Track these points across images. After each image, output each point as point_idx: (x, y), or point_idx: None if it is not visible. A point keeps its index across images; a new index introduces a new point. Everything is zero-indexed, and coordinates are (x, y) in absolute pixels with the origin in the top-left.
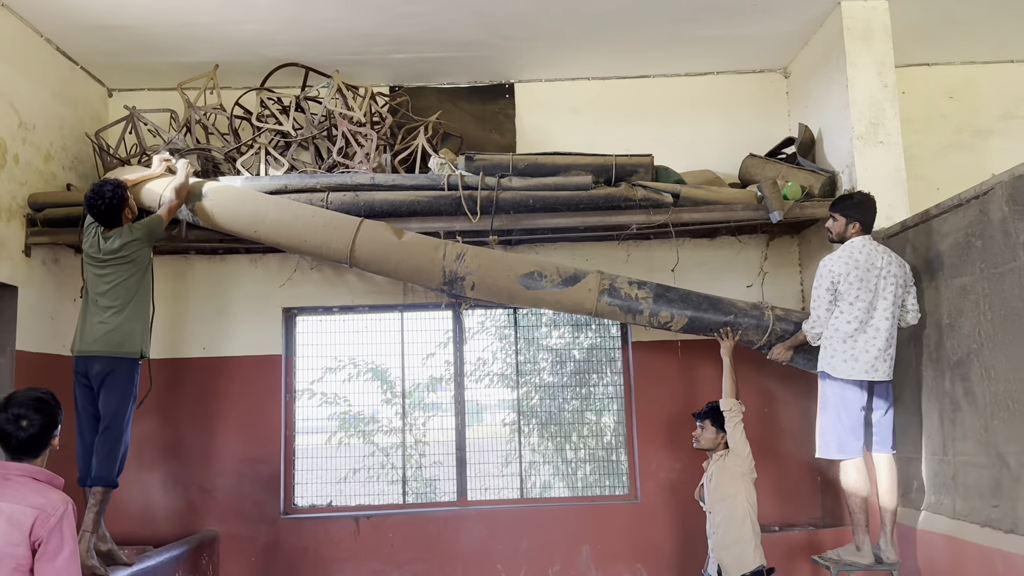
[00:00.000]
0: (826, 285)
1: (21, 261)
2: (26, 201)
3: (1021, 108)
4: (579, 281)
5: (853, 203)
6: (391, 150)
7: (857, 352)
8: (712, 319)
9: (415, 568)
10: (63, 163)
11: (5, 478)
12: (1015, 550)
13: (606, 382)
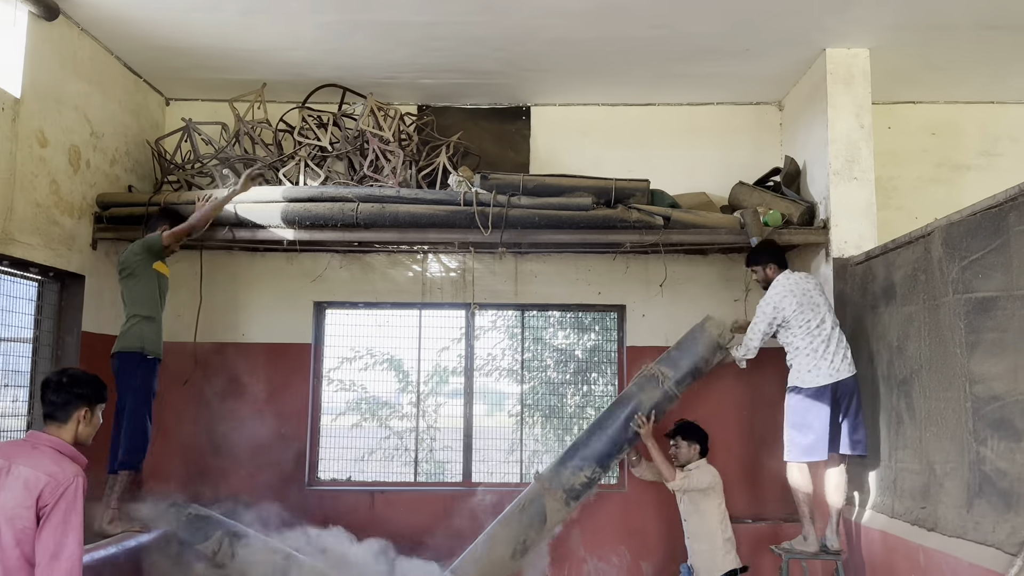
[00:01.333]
0: (764, 326)
1: (88, 253)
2: (94, 200)
3: (998, 146)
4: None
5: (761, 252)
6: (416, 166)
7: (820, 363)
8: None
9: (423, 540)
10: (125, 166)
11: (34, 446)
12: (933, 546)
13: (606, 380)
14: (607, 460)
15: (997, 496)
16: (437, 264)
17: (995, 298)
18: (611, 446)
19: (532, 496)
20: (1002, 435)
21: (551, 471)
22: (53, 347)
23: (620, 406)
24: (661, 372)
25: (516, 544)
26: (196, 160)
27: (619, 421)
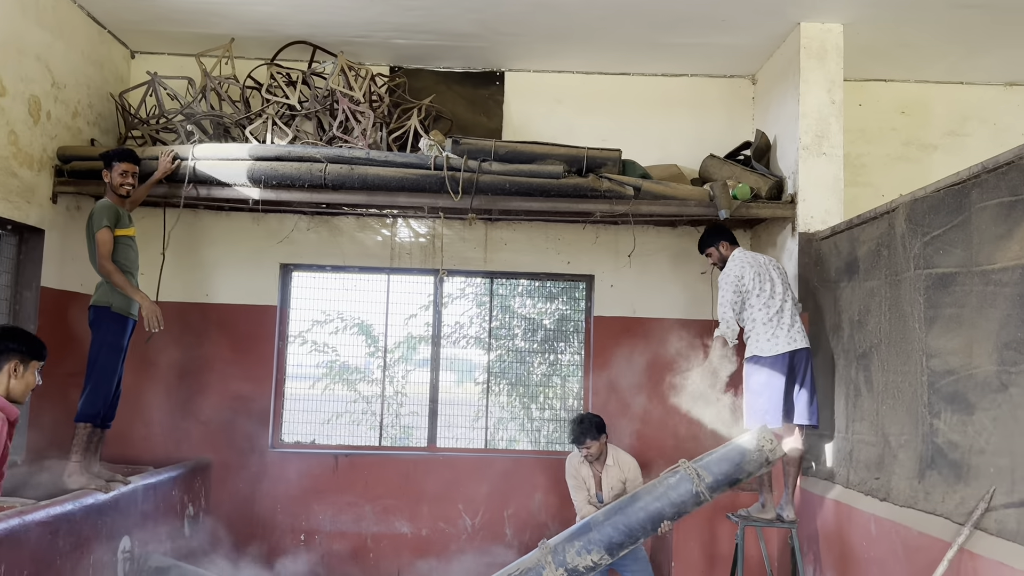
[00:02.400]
0: (731, 295)
1: (48, 207)
2: (55, 153)
3: (965, 126)
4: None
5: (712, 233)
6: (387, 128)
7: (777, 332)
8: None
9: (385, 503)
10: (88, 119)
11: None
12: (885, 515)
13: (573, 350)
14: (617, 550)
15: (948, 468)
16: (406, 229)
17: (954, 274)
18: (625, 537)
19: (531, 564)
20: (955, 408)
21: (559, 544)
22: (11, 302)
23: (644, 499)
24: (698, 474)
25: None
26: (161, 115)
27: (640, 515)
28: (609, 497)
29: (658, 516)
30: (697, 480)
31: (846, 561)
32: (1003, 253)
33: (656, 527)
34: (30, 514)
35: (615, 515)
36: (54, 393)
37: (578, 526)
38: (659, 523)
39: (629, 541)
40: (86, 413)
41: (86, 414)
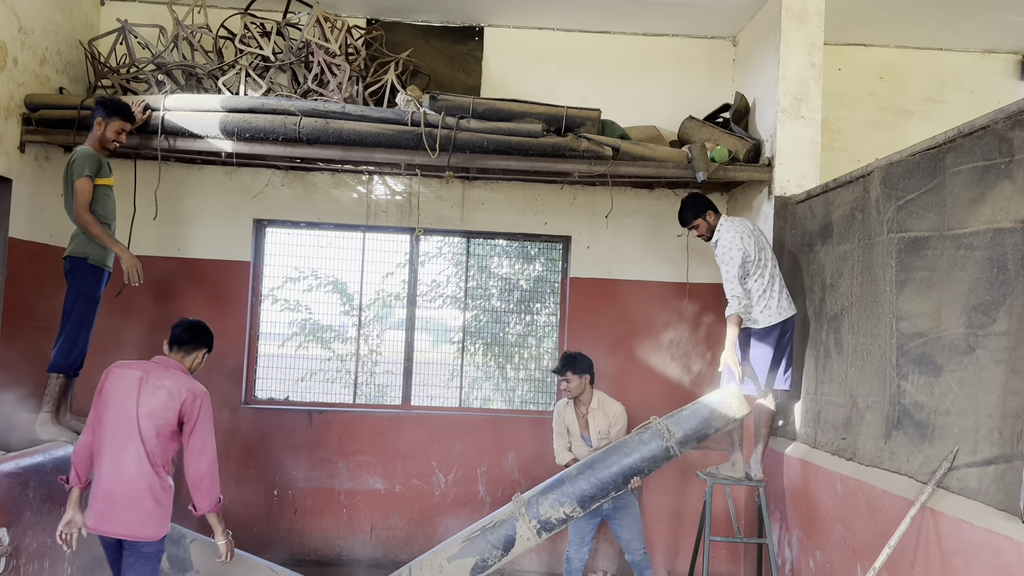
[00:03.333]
0: (736, 268)
1: (16, 156)
2: (23, 101)
3: (942, 93)
4: (515, 537)
5: (696, 204)
6: (363, 82)
7: (770, 303)
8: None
9: (359, 460)
10: (56, 67)
11: (167, 367)
12: (851, 474)
13: (548, 311)
14: (589, 503)
15: (914, 428)
16: (382, 186)
17: (926, 238)
18: (597, 490)
19: (505, 517)
20: (922, 370)
21: (532, 497)
22: None
23: (616, 453)
24: (668, 430)
25: (478, 561)
26: (132, 64)
27: (612, 469)
28: (596, 441)
29: (630, 471)
30: (667, 436)
31: (811, 519)
32: (975, 217)
33: (627, 481)
34: (0, 465)
35: (587, 470)
36: (23, 345)
37: (551, 480)
38: (631, 477)
39: (601, 494)
40: (59, 364)
41: (60, 365)
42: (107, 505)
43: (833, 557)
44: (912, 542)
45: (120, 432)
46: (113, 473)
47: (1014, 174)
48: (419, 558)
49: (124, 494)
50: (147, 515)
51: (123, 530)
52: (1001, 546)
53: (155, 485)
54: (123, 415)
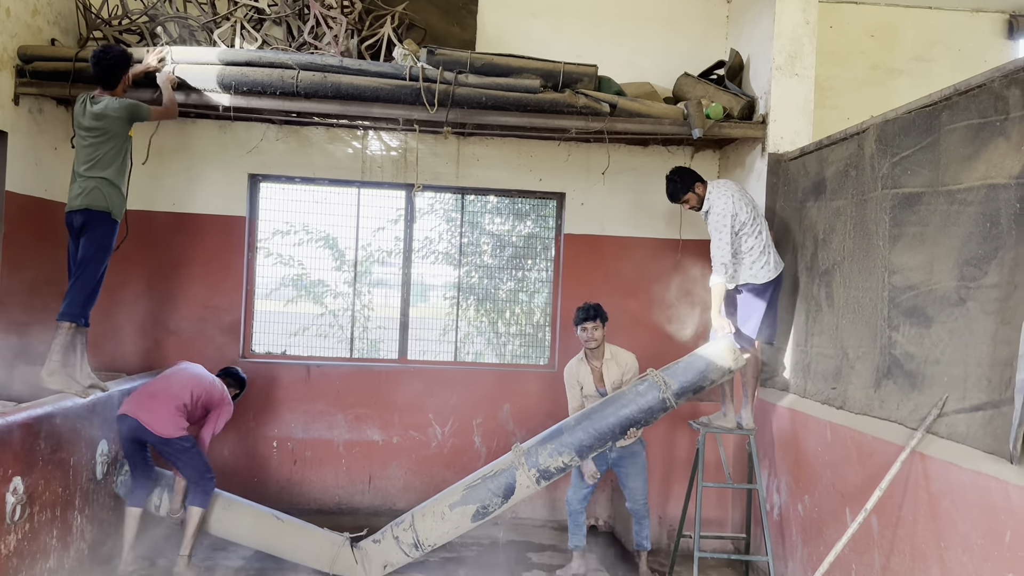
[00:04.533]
0: (728, 235)
1: (11, 109)
2: (16, 53)
3: (931, 51)
4: (514, 485)
5: (682, 179)
6: (358, 35)
7: (769, 259)
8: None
9: (357, 412)
10: (48, 18)
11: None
12: (840, 421)
13: (540, 267)
14: (587, 452)
15: (904, 377)
16: (378, 142)
17: (920, 194)
18: (595, 440)
19: (505, 466)
20: (914, 322)
21: (532, 447)
22: None
23: (614, 404)
24: (665, 382)
25: (479, 507)
26: (125, 15)
27: (609, 420)
28: (612, 392)
29: (627, 422)
30: (664, 387)
31: (800, 465)
32: (969, 173)
33: (624, 432)
34: (12, 415)
35: (585, 420)
36: (21, 298)
37: (550, 430)
38: (628, 428)
39: (599, 444)
40: (73, 312)
41: (73, 313)
42: (149, 400)
43: (822, 501)
44: (901, 485)
45: (180, 375)
46: (164, 385)
47: (1009, 131)
48: (420, 505)
49: (164, 399)
50: (171, 418)
51: (151, 421)
52: (989, 486)
53: (182, 407)
54: (186, 372)
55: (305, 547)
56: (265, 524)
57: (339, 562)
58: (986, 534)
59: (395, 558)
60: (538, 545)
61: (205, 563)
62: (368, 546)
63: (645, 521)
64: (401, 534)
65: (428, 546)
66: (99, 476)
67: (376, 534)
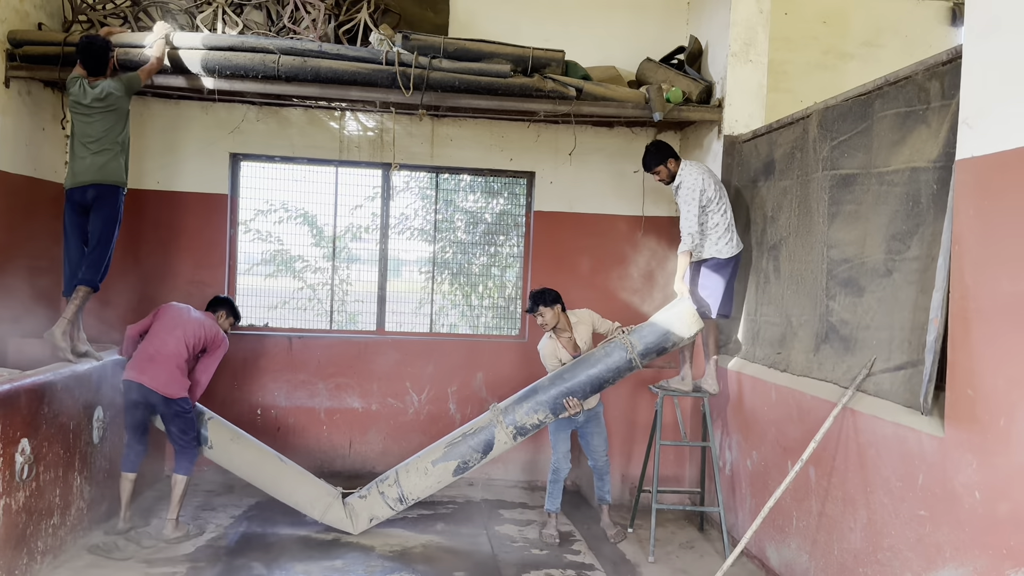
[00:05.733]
0: (696, 208)
1: (2, 92)
2: (5, 37)
3: (880, 37)
4: (493, 441)
5: (659, 151)
6: (335, 20)
7: (732, 238)
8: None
9: (338, 381)
10: (35, 2)
11: (205, 315)
12: (784, 383)
13: (512, 243)
14: (560, 410)
15: (839, 342)
16: (355, 123)
17: (855, 175)
18: (568, 398)
19: (484, 424)
20: (848, 292)
21: (508, 406)
22: None
23: (584, 364)
24: (631, 344)
25: (460, 463)
26: (109, 0)
27: (580, 378)
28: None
29: (597, 380)
30: (630, 348)
31: (749, 424)
32: (896, 157)
33: (596, 390)
34: (20, 381)
35: (558, 380)
36: (16, 274)
37: (525, 391)
38: (598, 387)
39: None
40: (91, 279)
41: (91, 279)
42: (150, 363)
43: (767, 456)
44: (834, 437)
45: (171, 326)
46: (159, 345)
47: (929, 119)
48: (404, 462)
49: (164, 360)
50: (173, 378)
51: (155, 384)
52: (906, 436)
53: (182, 363)
54: (175, 321)
55: (303, 492)
56: (268, 463)
57: (331, 512)
58: (903, 477)
59: (380, 512)
60: (509, 503)
61: (195, 521)
62: (355, 501)
63: (607, 477)
64: (387, 489)
65: (412, 499)
66: (95, 440)
67: (362, 489)
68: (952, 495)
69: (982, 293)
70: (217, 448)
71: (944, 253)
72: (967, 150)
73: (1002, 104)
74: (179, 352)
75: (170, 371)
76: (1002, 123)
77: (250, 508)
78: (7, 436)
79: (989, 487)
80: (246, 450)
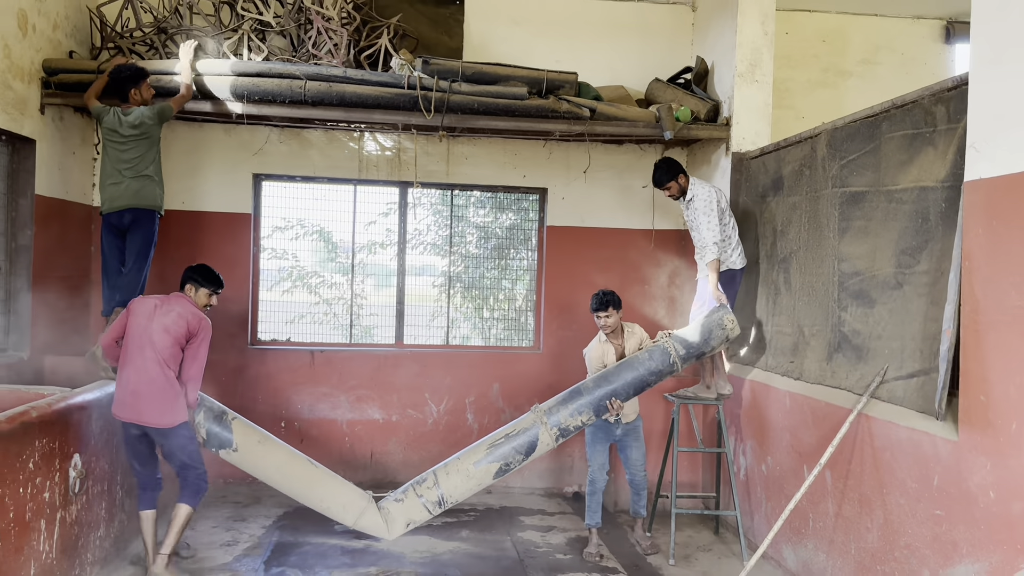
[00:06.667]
0: (716, 220)
1: (38, 118)
2: (41, 65)
3: (877, 55)
4: (536, 442)
5: (671, 168)
6: (356, 47)
7: (741, 250)
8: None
9: (359, 393)
10: (66, 31)
11: (178, 299)
12: (798, 391)
13: (522, 256)
14: (603, 412)
15: (852, 351)
16: (373, 143)
17: (864, 192)
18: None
19: (527, 426)
20: (859, 303)
21: (551, 407)
22: (7, 209)
23: (629, 368)
24: (674, 348)
25: (502, 464)
26: (138, 28)
27: (629, 377)
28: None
29: (639, 383)
30: (674, 352)
31: (763, 430)
32: (904, 176)
33: (638, 392)
34: (71, 398)
35: (603, 383)
36: (53, 291)
37: (568, 392)
38: (641, 388)
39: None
40: (126, 300)
41: (126, 301)
42: (135, 399)
43: (782, 461)
44: (850, 442)
45: (141, 344)
46: (138, 376)
47: (936, 141)
48: (442, 465)
49: (148, 391)
50: (165, 407)
51: (149, 419)
52: (920, 440)
53: (171, 381)
54: (141, 332)
55: (335, 497)
56: (299, 466)
57: (365, 518)
58: (919, 479)
59: (418, 515)
60: (528, 510)
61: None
62: (390, 505)
63: (643, 492)
64: (426, 492)
65: (451, 502)
66: None
67: (396, 493)
68: (967, 495)
69: (992, 306)
70: (243, 450)
71: (955, 268)
72: (975, 172)
73: (1008, 130)
74: (164, 373)
75: (160, 399)
76: (1008, 148)
77: (280, 518)
78: (63, 451)
79: (1003, 487)
80: (274, 452)
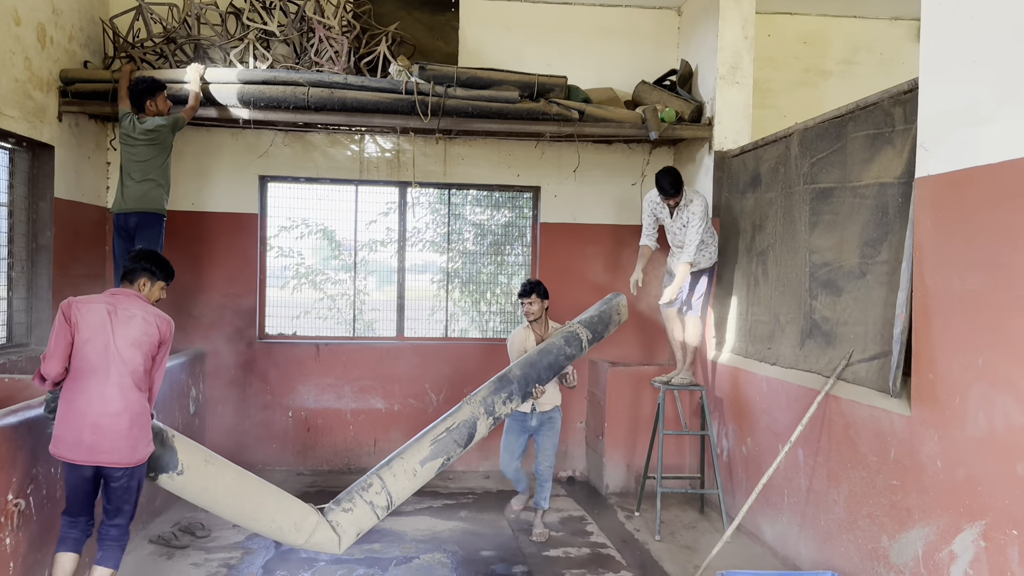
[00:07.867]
0: (706, 227)
1: (56, 126)
2: (58, 76)
3: (857, 55)
4: (475, 433)
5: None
6: (356, 54)
7: (714, 250)
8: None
9: (362, 383)
10: (80, 42)
11: (127, 296)
12: (774, 375)
13: (517, 252)
14: (528, 396)
15: (821, 336)
16: (373, 145)
17: (832, 188)
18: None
19: (465, 417)
20: (828, 292)
21: (484, 397)
22: (28, 211)
23: (548, 353)
24: (582, 332)
25: (444, 459)
26: (149, 38)
27: (548, 359)
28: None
29: (556, 365)
30: (584, 337)
31: (743, 413)
32: (867, 173)
33: (556, 373)
34: None
35: (527, 368)
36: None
37: (495, 380)
38: (557, 371)
39: None
40: None
41: None
42: (96, 436)
43: (760, 441)
44: (818, 421)
45: (101, 366)
46: (100, 405)
47: (895, 141)
48: (385, 465)
49: (113, 424)
50: (136, 440)
51: (116, 458)
52: (879, 417)
53: (143, 411)
54: (100, 348)
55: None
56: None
57: (317, 535)
58: (878, 453)
59: (367, 523)
60: None
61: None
62: (340, 517)
63: (547, 484)
64: (375, 498)
65: (398, 503)
66: None
67: (343, 503)
68: (919, 465)
69: (939, 292)
70: (189, 473)
71: (907, 258)
72: (924, 169)
73: (952, 131)
74: (132, 400)
75: (129, 432)
76: (952, 147)
77: None
78: None
79: (948, 456)
80: (223, 471)
